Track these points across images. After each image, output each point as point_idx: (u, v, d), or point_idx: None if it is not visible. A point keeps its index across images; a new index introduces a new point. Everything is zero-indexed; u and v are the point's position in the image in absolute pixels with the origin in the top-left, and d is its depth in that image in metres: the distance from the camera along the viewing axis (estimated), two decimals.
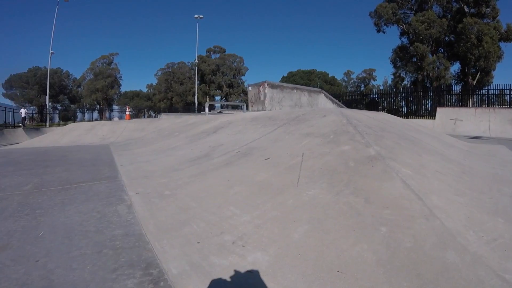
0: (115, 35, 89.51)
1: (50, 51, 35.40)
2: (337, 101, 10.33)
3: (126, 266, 1.86)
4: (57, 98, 56.31)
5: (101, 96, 53.63)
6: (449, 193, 2.69)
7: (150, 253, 2.02)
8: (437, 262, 1.72)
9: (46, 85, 36.68)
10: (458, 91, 27.56)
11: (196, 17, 39.01)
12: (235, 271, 1.77)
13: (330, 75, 63.97)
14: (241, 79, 57.88)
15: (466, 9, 31.31)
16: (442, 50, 34.39)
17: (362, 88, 59.55)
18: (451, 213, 2.27)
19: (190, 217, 2.50)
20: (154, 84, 61.71)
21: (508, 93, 21.27)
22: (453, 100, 24.47)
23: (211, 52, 57.79)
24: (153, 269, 1.84)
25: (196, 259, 1.91)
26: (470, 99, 24.87)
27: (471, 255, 1.78)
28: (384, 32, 36.10)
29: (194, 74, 43.54)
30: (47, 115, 33.60)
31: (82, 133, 11.02)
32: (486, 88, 25.58)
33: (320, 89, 9.46)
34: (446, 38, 33.67)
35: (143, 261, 1.93)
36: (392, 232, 1.99)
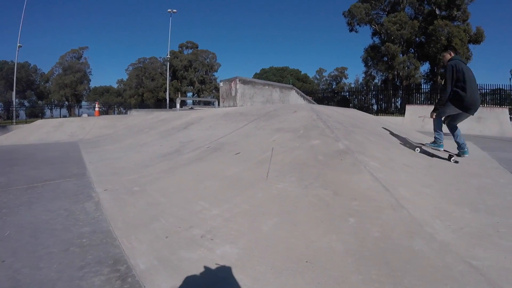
0: (86, 28, 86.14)
1: (18, 45, 33.66)
2: (308, 97, 10.45)
3: (94, 264, 1.81)
4: (24, 94, 53.70)
5: (70, 92, 51.57)
6: (416, 185, 2.78)
7: (117, 250, 1.98)
8: (405, 251, 1.76)
9: (13, 80, 34.86)
10: (427, 90, 28.53)
11: (169, 11, 38.20)
12: (204, 264, 1.75)
13: (302, 73, 64.56)
14: (214, 75, 57.19)
15: (437, 11, 32.40)
16: (413, 50, 35.47)
17: (334, 86, 60.44)
18: (418, 203, 2.35)
19: (159, 213, 2.45)
20: (125, 79, 59.80)
21: None
22: (422, 99, 25.33)
23: (184, 48, 56.76)
24: (120, 265, 1.80)
25: (164, 253, 1.88)
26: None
27: (439, 243, 1.84)
28: (356, 32, 36.81)
29: (166, 70, 42.58)
30: (14, 112, 32.00)
31: (50, 130, 10.59)
32: None
33: (291, 86, 9.54)
34: (417, 39, 34.75)
35: (111, 257, 1.88)
36: (361, 223, 2.02)
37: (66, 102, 51.04)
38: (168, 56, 41.34)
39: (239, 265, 1.72)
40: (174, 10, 38.49)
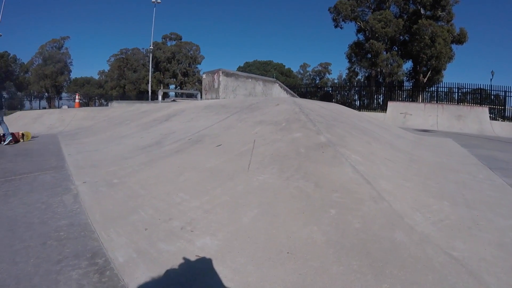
0: (68, 18, 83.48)
1: None
2: (291, 91, 10.47)
3: (71, 257, 1.78)
4: (3, 85, 51.83)
5: (50, 83, 50.00)
6: (397, 178, 2.81)
7: (96, 243, 1.94)
8: (386, 241, 1.78)
9: None
10: (409, 87, 29.15)
11: (154, 1, 37.37)
12: (184, 256, 1.73)
13: (286, 67, 64.71)
14: (197, 67, 56.40)
15: (422, 11, 32.94)
16: (396, 48, 36.01)
17: (317, 81, 60.83)
18: (398, 196, 2.38)
19: (138, 205, 2.41)
20: (106, 70, 58.41)
21: (456, 91, 22.89)
22: (404, 96, 25.84)
23: (167, 39, 55.78)
24: (99, 258, 1.77)
25: (143, 246, 1.85)
26: (420, 95, 26.38)
27: (419, 234, 1.87)
28: (341, 28, 37.05)
29: (149, 61, 41.69)
30: None
31: (29, 122, 10.34)
32: (436, 86, 27.21)
33: (275, 79, 9.54)
34: (401, 37, 35.27)
35: (89, 251, 1.85)
36: (341, 214, 2.04)
37: (46, 94, 49.59)
38: (151, 47, 40.53)
39: (219, 257, 1.71)
40: (159, 1, 37.70)
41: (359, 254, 1.68)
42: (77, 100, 18.61)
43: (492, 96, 21.89)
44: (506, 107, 20.07)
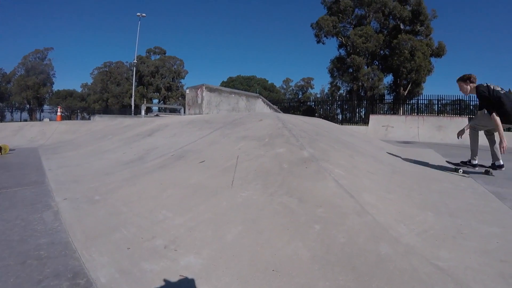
0: (51, 29, 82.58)
1: None
2: (274, 106, 10.57)
3: (52, 277, 1.72)
4: None
5: (32, 94, 48.99)
6: (380, 191, 2.86)
7: (77, 262, 1.89)
8: (371, 255, 1.80)
9: None
10: (390, 100, 29.89)
11: (139, 15, 37.46)
12: (168, 276, 1.70)
13: (269, 82, 65.64)
14: (181, 82, 56.51)
15: (402, 26, 34.15)
16: (377, 62, 37.03)
17: (300, 96, 61.78)
18: (382, 208, 2.41)
19: (120, 223, 2.36)
20: (89, 83, 57.89)
21: (436, 102, 23.63)
22: (386, 109, 26.47)
23: (151, 53, 55.77)
24: (80, 278, 1.71)
25: (126, 265, 1.81)
26: (401, 108, 27.08)
27: (404, 246, 1.90)
28: (323, 43, 37.93)
29: (132, 75, 41.39)
30: None
31: (9, 134, 10.03)
32: (416, 98, 28.01)
33: (258, 95, 9.62)
34: (382, 51, 36.34)
35: (70, 270, 1.79)
36: (326, 229, 2.05)
37: (28, 105, 48.45)
38: (135, 61, 40.39)
39: (204, 276, 1.69)
40: (143, 14, 37.86)
41: (345, 269, 1.69)
42: (59, 113, 18.21)
43: (471, 107, 22.59)
44: None
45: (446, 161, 4.96)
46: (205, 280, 1.66)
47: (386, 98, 31.82)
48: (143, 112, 13.75)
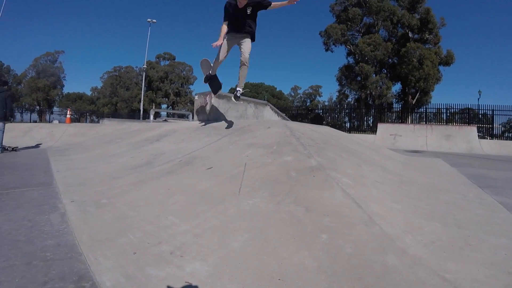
0: (63, 32, 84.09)
1: None
2: (282, 114, 10.53)
3: (57, 279, 1.72)
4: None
5: (42, 96, 49.69)
6: (387, 201, 2.83)
7: (83, 265, 1.89)
8: (378, 266, 1.77)
9: None
10: (398, 109, 29.77)
11: (149, 21, 37.95)
12: (173, 282, 1.69)
13: (277, 89, 65.89)
14: (189, 88, 56.95)
15: (410, 34, 34.07)
16: (385, 71, 36.92)
17: (308, 103, 61.81)
18: (390, 219, 2.38)
19: (127, 227, 2.37)
20: (99, 87, 58.54)
21: (444, 111, 23.46)
22: (394, 117, 26.32)
23: (161, 59, 56.33)
24: (85, 282, 1.71)
25: (131, 270, 1.81)
26: (409, 117, 26.93)
27: (411, 257, 1.87)
28: (332, 51, 37.98)
29: (142, 80, 41.75)
30: None
31: (19, 135, 10.20)
32: (424, 107, 27.86)
33: (266, 102, 9.59)
34: (390, 60, 36.25)
35: (75, 273, 1.80)
36: (333, 239, 2.03)
37: (38, 107, 49.16)
38: (145, 66, 40.77)
39: (209, 283, 1.68)
40: (154, 20, 38.36)
41: (351, 279, 1.67)
42: (68, 116, 18.48)
43: (480, 115, 22.41)
44: (494, 126, 20.57)
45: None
46: (210, 287, 1.65)
47: (394, 106, 31.75)
48: (151, 117, 13.84)
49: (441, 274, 1.72)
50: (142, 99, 39.26)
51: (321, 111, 32.94)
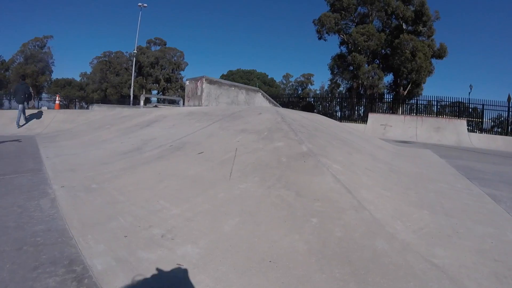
0: (51, 17, 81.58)
1: None
2: (274, 101, 10.52)
3: (48, 264, 1.72)
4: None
5: (30, 82, 48.47)
6: (377, 188, 2.87)
7: (73, 249, 1.89)
8: (367, 250, 1.81)
9: None
10: (389, 99, 29.86)
11: (140, 5, 37.07)
12: (164, 265, 1.71)
13: (269, 77, 65.44)
14: (180, 74, 55.90)
15: (404, 26, 33.95)
16: (378, 61, 36.88)
17: (299, 92, 61.54)
18: (379, 205, 2.42)
19: (117, 211, 2.36)
20: (88, 73, 57.34)
21: (435, 104, 23.63)
22: (385, 108, 26.47)
23: (152, 44, 55.27)
24: (76, 265, 1.72)
25: (122, 254, 1.82)
26: (400, 108, 27.08)
27: (400, 242, 1.91)
28: (325, 40, 37.67)
29: (132, 65, 41.02)
30: None
31: (7, 122, 10.01)
32: (415, 99, 27.99)
33: (257, 88, 9.57)
34: (383, 50, 36.17)
35: (66, 257, 1.80)
36: (323, 223, 2.06)
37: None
38: (135, 51, 40.05)
39: (200, 266, 1.69)
40: (145, 5, 37.46)
41: (341, 262, 1.70)
42: (57, 102, 18.11)
43: (470, 109, 22.61)
44: (484, 120, 20.81)
45: None
46: (202, 269, 1.66)
47: (385, 97, 31.78)
48: (142, 102, 13.69)
49: (429, 259, 1.77)
50: (132, 84, 38.60)
51: (312, 99, 32.88)
